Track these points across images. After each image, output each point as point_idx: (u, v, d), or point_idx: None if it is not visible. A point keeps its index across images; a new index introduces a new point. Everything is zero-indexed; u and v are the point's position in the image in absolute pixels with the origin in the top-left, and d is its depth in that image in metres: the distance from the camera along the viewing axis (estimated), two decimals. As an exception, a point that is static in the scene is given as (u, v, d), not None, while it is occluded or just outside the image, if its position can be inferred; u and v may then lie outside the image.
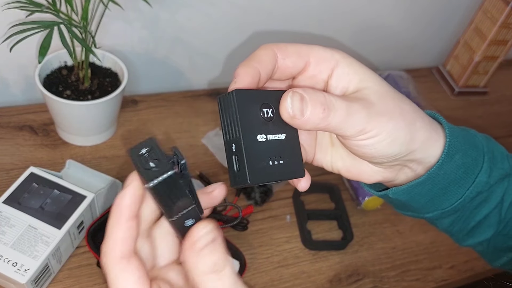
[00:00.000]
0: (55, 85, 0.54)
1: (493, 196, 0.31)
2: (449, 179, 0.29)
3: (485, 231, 0.32)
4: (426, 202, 0.30)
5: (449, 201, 0.30)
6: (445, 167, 0.28)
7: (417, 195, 0.29)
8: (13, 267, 0.41)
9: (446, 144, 0.28)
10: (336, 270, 0.51)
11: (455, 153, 0.28)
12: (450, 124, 0.30)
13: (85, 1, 0.48)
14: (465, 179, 0.29)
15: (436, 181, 0.29)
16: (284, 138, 0.25)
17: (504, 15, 0.69)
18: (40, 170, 0.47)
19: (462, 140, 0.29)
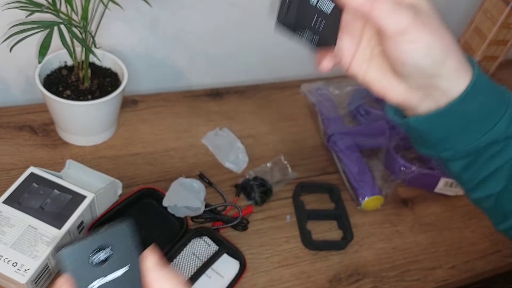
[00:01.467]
0: (55, 85, 0.54)
1: (509, 150, 0.31)
2: (468, 117, 0.30)
3: (495, 184, 0.33)
4: (443, 136, 0.31)
5: (465, 141, 0.31)
6: (466, 103, 0.30)
7: (436, 126, 0.31)
8: (13, 267, 0.41)
9: (472, 82, 0.30)
10: (336, 270, 0.51)
11: (478, 94, 0.30)
12: (481, 71, 0.31)
13: (85, 1, 0.48)
14: (484, 122, 0.30)
15: (455, 115, 0.30)
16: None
17: (504, 15, 0.69)
18: (40, 170, 0.48)
19: (489, 85, 0.31)
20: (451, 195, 0.60)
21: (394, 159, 0.59)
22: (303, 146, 0.65)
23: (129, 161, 0.57)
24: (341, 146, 0.60)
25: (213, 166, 0.59)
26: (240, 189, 0.56)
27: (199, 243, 0.49)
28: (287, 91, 0.72)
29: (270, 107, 0.69)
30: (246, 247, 0.51)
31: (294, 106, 0.70)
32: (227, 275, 0.47)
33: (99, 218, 0.47)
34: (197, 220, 0.52)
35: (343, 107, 0.66)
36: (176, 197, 0.49)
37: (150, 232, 0.49)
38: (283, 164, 0.60)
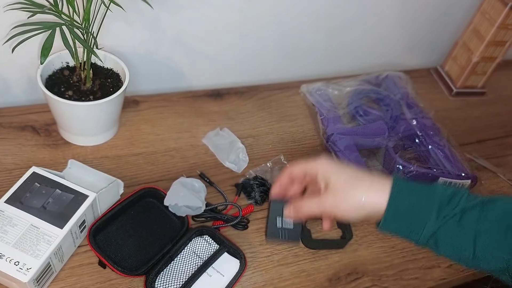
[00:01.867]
0: (57, 86, 0.54)
1: (451, 230, 0.38)
2: (403, 221, 0.39)
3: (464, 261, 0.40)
4: (402, 235, 0.40)
5: (416, 236, 0.39)
6: (393, 212, 0.39)
7: (391, 230, 0.40)
8: (15, 266, 0.41)
9: (389, 199, 0.39)
10: (335, 269, 0.51)
11: (400, 200, 0.39)
12: (399, 179, 0.41)
13: (87, 3, 0.49)
14: (418, 220, 0.39)
15: (394, 222, 0.40)
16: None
17: (502, 16, 0.70)
18: (42, 170, 0.48)
19: (408, 190, 0.40)
20: (449, 194, 0.61)
21: (393, 159, 0.60)
22: (303, 146, 0.65)
23: (130, 161, 0.58)
24: (340, 146, 0.60)
25: (214, 165, 0.59)
26: (241, 189, 0.56)
27: (200, 242, 0.49)
28: (287, 92, 0.72)
29: (270, 107, 0.70)
30: (246, 246, 0.51)
31: (294, 106, 0.71)
32: (227, 274, 0.47)
33: (101, 218, 0.48)
34: (197, 219, 0.52)
35: (342, 108, 0.67)
36: (177, 197, 0.49)
37: (151, 231, 0.50)
38: (283, 163, 0.61)
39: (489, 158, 0.69)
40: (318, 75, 0.78)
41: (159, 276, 0.46)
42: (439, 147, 0.63)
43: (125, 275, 0.45)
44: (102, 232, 0.48)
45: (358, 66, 0.81)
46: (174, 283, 0.46)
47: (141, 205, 0.51)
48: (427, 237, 0.39)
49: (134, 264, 0.47)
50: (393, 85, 0.70)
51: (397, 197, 0.39)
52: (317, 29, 0.73)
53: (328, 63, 0.79)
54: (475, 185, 0.61)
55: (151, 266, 0.46)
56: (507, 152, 0.71)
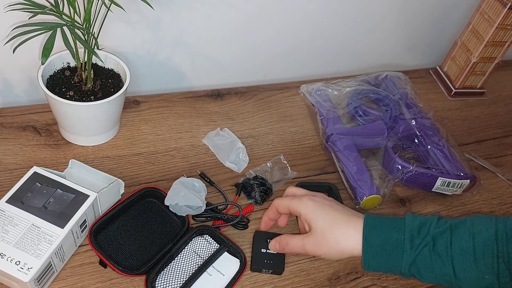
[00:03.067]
0: (58, 86, 0.54)
1: (426, 258, 0.40)
2: (380, 257, 0.41)
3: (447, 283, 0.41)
4: (385, 271, 0.42)
5: (398, 271, 0.41)
6: (369, 251, 0.41)
7: (374, 269, 0.42)
8: (16, 265, 0.41)
9: (363, 236, 0.41)
10: (335, 268, 0.52)
11: (374, 238, 0.41)
12: (371, 218, 0.43)
13: (88, 3, 0.49)
14: (394, 254, 0.40)
15: (372, 260, 0.41)
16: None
17: (501, 16, 0.70)
18: (43, 169, 0.48)
19: (380, 227, 0.42)
20: (448, 194, 0.61)
21: (392, 159, 0.60)
22: (303, 146, 0.65)
23: (131, 160, 0.58)
24: (340, 146, 0.60)
25: (214, 165, 0.59)
26: (241, 188, 0.56)
27: (200, 241, 0.50)
28: (286, 92, 0.73)
29: (270, 107, 0.70)
30: (246, 246, 0.52)
31: (294, 106, 0.71)
32: (227, 273, 0.47)
33: (102, 217, 0.48)
34: (198, 218, 0.52)
35: (342, 108, 0.67)
36: (177, 196, 0.50)
37: (152, 231, 0.50)
38: (283, 163, 0.61)
39: (488, 158, 0.69)
40: (317, 75, 0.78)
41: (160, 275, 0.46)
42: (438, 147, 0.63)
43: (126, 275, 0.45)
44: (103, 232, 0.48)
45: (357, 66, 0.81)
46: (175, 282, 0.46)
47: (142, 205, 0.51)
48: (407, 268, 0.40)
49: (134, 264, 0.47)
50: (392, 85, 0.71)
51: (369, 237, 0.41)
52: (317, 30, 0.73)
53: (328, 63, 0.79)
54: (474, 185, 0.62)
55: (151, 266, 0.46)
56: (506, 152, 0.72)
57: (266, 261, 0.48)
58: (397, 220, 0.42)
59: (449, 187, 0.60)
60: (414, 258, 0.40)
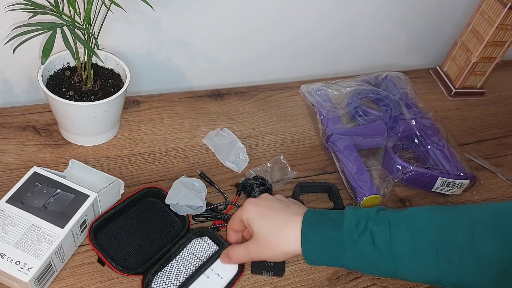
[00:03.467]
0: (58, 86, 0.54)
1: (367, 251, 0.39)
2: (320, 253, 0.41)
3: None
4: (333, 265, 0.42)
5: (340, 264, 0.41)
6: (309, 248, 0.41)
7: (320, 263, 0.42)
8: (16, 265, 0.41)
9: (302, 233, 0.41)
10: (335, 268, 0.52)
11: (310, 236, 0.41)
12: (310, 213, 0.43)
13: (88, 3, 0.49)
14: (334, 250, 0.40)
15: (314, 256, 0.41)
16: None
17: (501, 16, 0.70)
18: (43, 169, 0.48)
19: (317, 224, 0.41)
20: (448, 194, 0.61)
21: (392, 159, 0.60)
22: (303, 146, 0.65)
23: (131, 160, 0.58)
24: (340, 146, 0.60)
25: (214, 165, 0.59)
26: (241, 188, 0.56)
27: (199, 243, 0.49)
28: (286, 92, 0.73)
29: (270, 107, 0.70)
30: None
31: (294, 106, 0.71)
32: (225, 276, 0.47)
33: (102, 215, 0.48)
34: (198, 218, 0.52)
35: (342, 108, 0.67)
36: (177, 196, 0.50)
37: (152, 231, 0.50)
38: (283, 163, 0.61)
39: (488, 158, 0.69)
40: (317, 75, 0.78)
41: (157, 276, 0.46)
42: (438, 147, 0.63)
43: (123, 274, 0.45)
44: (103, 230, 0.48)
45: (357, 66, 0.81)
46: (172, 283, 0.46)
47: (143, 204, 0.51)
48: (349, 265, 0.40)
49: (133, 263, 0.47)
50: (392, 85, 0.71)
51: (308, 236, 0.41)
52: (316, 30, 0.73)
53: (328, 63, 0.79)
54: (474, 185, 0.62)
55: (149, 266, 0.46)
56: (506, 152, 0.72)
57: (266, 263, 0.48)
58: (336, 217, 0.41)
59: (449, 187, 0.60)
60: (355, 255, 0.39)
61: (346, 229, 0.40)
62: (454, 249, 0.36)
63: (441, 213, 0.39)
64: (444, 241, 0.37)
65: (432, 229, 0.38)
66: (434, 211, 0.39)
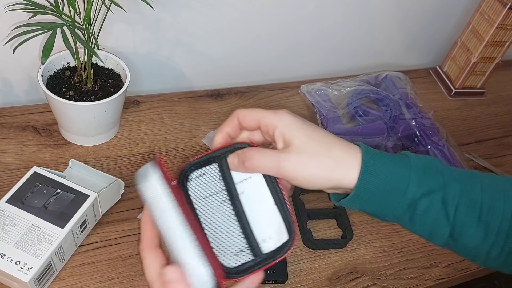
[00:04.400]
0: (58, 86, 0.54)
1: (434, 203, 0.33)
2: (378, 192, 0.33)
3: (439, 238, 0.35)
4: (373, 210, 0.34)
5: (391, 209, 0.34)
6: (366, 183, 0.33)
7: (360, 205, 0.34)
8: (16, 265, 0.41)
9: (362, 167, 0.33)
10: (335, 268, 0.52)
11: (374, 171, 0.33)
12: (368, 148, 0.34)
13: (88, 3, 0.49)
14: (394, 192, 0.33)
15: (366, 193, 0.33)
16: None
17: (501, 16, 0.70)
18: (43, 169, 0.48)
19: (381, 159, 0.33)
20: (448, 194, 0.61)
21: (392, 159, 0.60)
22: (303, 146, 0.65)
23: (131, 161, 0.58)
24: (340, 146, 0.60)
25: (214, 166, 0.59)
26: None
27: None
28: (286, 92, 0.73)
29: (270, 107, 0.70)
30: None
31: (294, 106, 0.71)
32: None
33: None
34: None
35: (342, 108, 0.67)
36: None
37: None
38: (283, 164, 0.61)
39: (488, 158, 0.69)
40: (317, 75, 0.78)
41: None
42: (438, 147, 0.63)
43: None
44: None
45: (357, 66, 0.81)
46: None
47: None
48: (406, 208, 0.33)
49: None
50: (392, 85, 0.71)
51: (369, 164, 0.33)
52: (316, 30, 0.73)
53: (328, 63, 0.79)
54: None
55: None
56: (506, 152, 0.72)
57: (268, 271, 0.47)
58: (399, 155, 0.34)
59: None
60: (419, 196, 0.33)
61: (414, 167, 0.33)
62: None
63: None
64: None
65: (501, 192, 0.34)
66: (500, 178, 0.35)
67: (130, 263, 0.48)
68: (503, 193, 0.34)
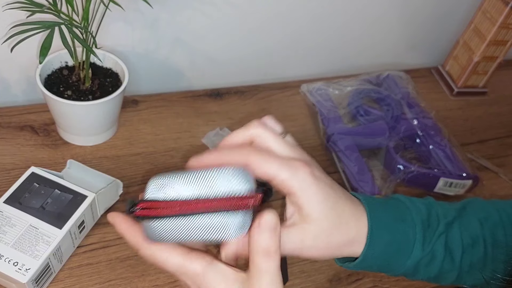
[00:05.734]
0: (56, 85, 0.54)
1: (437, 254, 0.34)
2: (385, 255, 0.33)
3: (446, 281, 0.36)
4: (379, 270, 0.34)
5: (397, 269, 0.34)
6: (374, 248, 0.32)
7: (367, 267, 0.34)
8: (14, 266, 0.41)
9: (369, 227, 0.32)
10: (336, 270, 0.51)
11: (380, 236, 0.32)
12: (372, 205, 0.33)
13: (86, 2, 0.48)
14: (401, 252, 0.33)
15: (372, 258, 0.32)
16: None
17: (503, 15, 0.70)
18: (41, 170, 0.48)
19: (386, 218, 0.33)
20: (450, 194, 0.61)
21: (394, 159, 0.59)
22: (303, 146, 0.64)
23: (129, 161, 0.57)
24: (341, 146, 0.60)
25: (213, 166, 0.59)
26: (240, 189, 0.56)
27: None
28: (287, 91, 0.72)
29: (270, 107, 0.69)
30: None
31: (294, 106, 0.70)
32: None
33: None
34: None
35: (343, 107, 0.67)
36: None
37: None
38: (283, 164, 0.61)
39: (490, 158, 0.69)
40: (318, 74, 0.78)
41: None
42: (440, 147, 0.63)
43: None
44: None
45: (358, 65, 0.80)
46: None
47: None
48: (411, 267, 0.33)
49: None
50: (394, 84, 0.70)
51: (374, 228, 0.32)
52: (317, 29, 0.72)
53: (329, 62, 0.78)
54: (477, 186, 0.61)
55: None
56: (509, 152, 0.71)
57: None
58: (403, 208, 0.34)
59: (452, 187, 0.59)
60: (425, 255, 0.33)
61: (419, 223, 0.33)
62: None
63: (501, 206, 0.36)
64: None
65: (499, 222, 0.35)
66: (492, 204, 0.36)
67: (128, 264, 0.48)
68: (502, 225, 0.35)
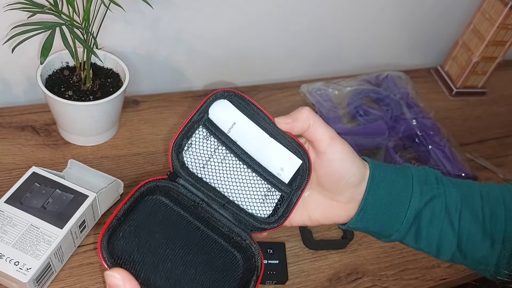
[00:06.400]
0: (57, 86, 0.54)
1: (438, 213, 0.35)
2: (383, 205, 0.35)
3: (449, 246, 0.36)
4: (379, 227, 0.36)
5: (396, 224, 0.36)
6: (373, 195, 0.35)
7: (368, 221, 0.36)
8: (15, 266, 0.41)
9: (369, 176, 0.35)
10: (335, 269, 0.51)
11: (380, 182, 0.35)
12: (375, 162, 0.37)
13: (87, 2, 0.49)
14: (399, 204, 0.35)
15: (373, 207, 0.35)
16: None
17: (502, 16, 0.70)
18: (42, 170, 0.48)
19: (387, 170, 0.36)
20: (449, 194, 0.61)
21: (393, 159, 0.60)
22: (303, 146, 0.65)
23: (130, 161, 0.58)
24: (341, 146, 0.60)
25: (214, 166, 0.59)
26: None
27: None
28: (287, 92, 0.72)
29: (270, 107, 0.70)
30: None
31: (294, 106, 0.70)
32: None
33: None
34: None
35: (343, 107, 0.67)
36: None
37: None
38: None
39: (489, 158, 0.69)
40: (318, 75, 0.78)
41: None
42: (439, 147, 0.63)
43: None
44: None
45: (358, 66, 0.81)
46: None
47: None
48: (410, 220, 0.35)
49: None
50: (393, 85, 0.70)
51: (376, 175, 0.35)
52: (317, 29, 0.73)
53: (328, 63, 0.79)
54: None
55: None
56: (508, 152, 0.71)
57: (269, 272, 0.47)
58: (400, 167, 0.37)
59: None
60: (423, 206, 0.34)
61: (416, 178, 0.35)
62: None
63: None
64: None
65: (500, 197, 0.35)
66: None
67: (129, 263, 0.48)
68: (502, 199, 0.35)
